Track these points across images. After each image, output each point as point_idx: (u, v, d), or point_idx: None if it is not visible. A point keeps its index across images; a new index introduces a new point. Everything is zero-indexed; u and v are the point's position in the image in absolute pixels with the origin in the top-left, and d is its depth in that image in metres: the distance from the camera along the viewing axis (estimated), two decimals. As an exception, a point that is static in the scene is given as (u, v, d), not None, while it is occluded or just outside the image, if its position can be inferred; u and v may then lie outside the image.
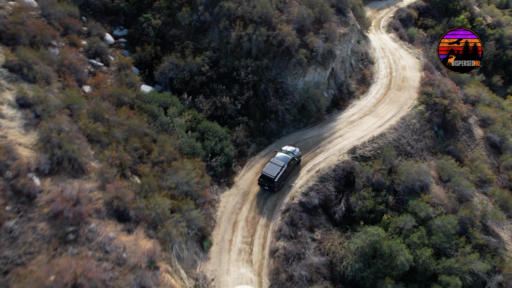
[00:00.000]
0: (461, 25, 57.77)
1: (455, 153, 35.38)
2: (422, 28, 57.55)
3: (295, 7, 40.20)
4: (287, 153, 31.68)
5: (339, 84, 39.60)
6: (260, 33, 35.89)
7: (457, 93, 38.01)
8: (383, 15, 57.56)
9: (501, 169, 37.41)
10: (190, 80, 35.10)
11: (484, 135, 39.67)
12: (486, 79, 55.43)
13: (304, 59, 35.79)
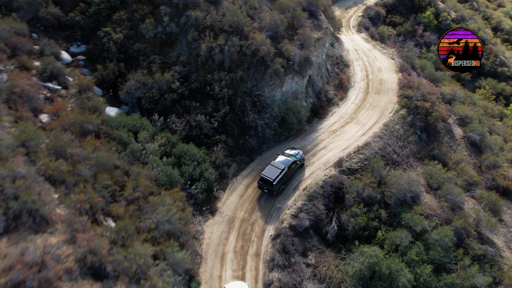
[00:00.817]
0: (428, 21, 57.89)
1: (440, 157, 34.65)
2: (390, 25, 57.09)
3: (266, 13, 38.10)
4: (289, 156, 30.70)
5: (317, 91, 37.95)
6: (232, 44, 33.53)
7: (437, 94, 37.34)
8: (352, 14, 56.58)
9: (483, 169, 37.16)
10: (160, 98, 32.25)
11: (464, 135, 39.35)
12: (455, 74, 55.70)
13: (281, 68, 33.82)
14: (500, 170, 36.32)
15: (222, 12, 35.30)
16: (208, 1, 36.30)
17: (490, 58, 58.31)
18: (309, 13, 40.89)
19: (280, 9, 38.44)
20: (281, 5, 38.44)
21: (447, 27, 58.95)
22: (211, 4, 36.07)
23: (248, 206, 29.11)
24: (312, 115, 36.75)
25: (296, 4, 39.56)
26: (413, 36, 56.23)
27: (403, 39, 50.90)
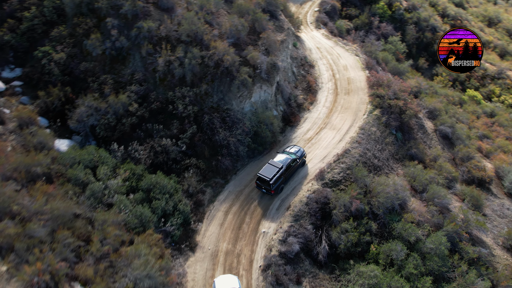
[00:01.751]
0: (382, 11, 57.52)
1: (418, 156, 33.87)
2: (347, 18, 56.05)
3: (224, 17, 35.16)
4: (288, 154, 29.71)
5: (286, 98, 35.77)
6: (193, 55, 30.37)
7: (408, 91, 36.50)
8: (308, 9, 54.86)
9: (457, 161, 37.00)
10: (117, 124, 28.53)
11: (435, 128, 39.03)
12: (413, 63, 55.95)
13: (248, 78, 31.22)
14: (473, 161, 36.27)
15: (177, 20, 31.91)
16: (160, 9, 32.72)
17: (443, 45, 59.09)
18: (268, 14, 38.43)
19: (239, 12, 35.66)
20: (240, 8, 35.66)
21: (400, 17, 59.09)
22: (164, 12, 32.53)
23: (231, 235, 26.51)
24: (284, 124, 34.55)
25: (255, 6, 36.95)
26: (370, 28, 55.58)
27: (364, 33, 49.94)
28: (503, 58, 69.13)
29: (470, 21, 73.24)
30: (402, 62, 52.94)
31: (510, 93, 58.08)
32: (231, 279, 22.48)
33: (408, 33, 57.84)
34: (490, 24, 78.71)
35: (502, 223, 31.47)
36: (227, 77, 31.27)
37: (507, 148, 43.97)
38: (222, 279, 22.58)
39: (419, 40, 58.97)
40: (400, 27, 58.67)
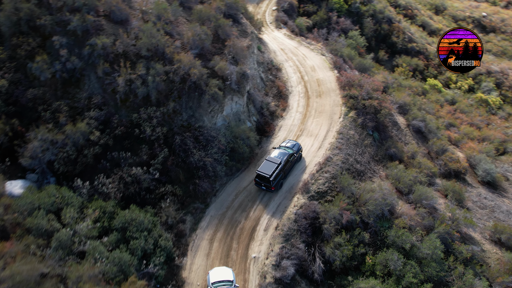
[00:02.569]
0: (339, 6, 57.02)
1: (397, 155, 33.40)
2: (305, 15, 54.90)
3: (184, 26, 32.58)
4: (285, 149, 29.29)
5: (258, 107, 33.93)
6: (156, 71, 27.68)
7: (381, 89, 35.89)
8: (265, 8, 53.08)
9: (432, 155, 37.10)
10: (78, 156, 25.35)
11: (407, 123, 38.91)
12: (374, 56, 56.05)
13: (219, 91, 29.05)
14: (448, 153, 36.51)
15: (134, 34, 28.97)
16: (113, 22, 29.56)
17: (400, 36, 59.81)
18: (230, 19, 36.23)
19: (200, 19, 33.20)
20: (200, 15, 33.22)
21: (357, 10, 58.92)
22: (118, 25, 29.43)
23: (220, 265, 24.40)
24: (259, 135, 32.72)
25: (216, 11, 34.61)
26: (329, 23, 54.83)
27: (327, 31, 48.99)
28: (454, 44, 71.23)
29: (420, 10, 75.07)
30: (363, 56, 52.79)
31: (465, 79, 59.94)
32: (225, 271, 22.63)
33: (366, 26, 57.81)
34: (437, 12, 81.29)
35: (484, 215, 31.75)
36: (195, 92, 28.91)
37: (472, 134, 45.09)
38: (216, 271, 22.68)
39: (377, 33, 59.18)
40: (358, 20, 58.52)
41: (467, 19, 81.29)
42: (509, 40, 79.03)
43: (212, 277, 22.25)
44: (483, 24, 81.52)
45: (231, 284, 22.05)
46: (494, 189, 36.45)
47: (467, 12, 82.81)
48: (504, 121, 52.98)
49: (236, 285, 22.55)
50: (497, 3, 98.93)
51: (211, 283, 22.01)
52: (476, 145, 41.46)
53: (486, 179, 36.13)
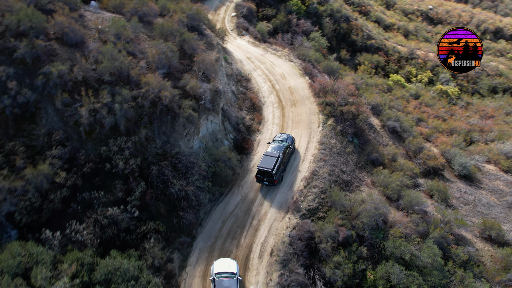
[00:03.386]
0: (297, 8, 56.30)
1: (379, 159, 32.91)
2: (265, 20, 53.64)
3: (146, 43, 30.07)
4: (280, 142, 29.73)
5: (234, 123, 32.10)
6: (123, 98, 25.08)
7: (356, 94, 35.24)
8: (223, 15, 51.17)
9: (410, 154, 37.11)
10: (43, 202, 22.30)
11: (382, 124, 38.70)
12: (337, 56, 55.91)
13: (193, 113, 26.93)
14: (425, 151, 36.68)
15: (93, 57, 26.09)
16: (68, 45, 26.50)
17: (358, 34, 60.20)
18: (194, 31, 34.08)
19: (162, 34, 30.80)
20: (162, 30, 30.81)
21: (315, 11, 58.59)
22: (74, 49, 26.41)
23: (216, 305, 22.43)
24: (238, 153, 30.92)
25: (179, 24, 32.32)
26: (289, 26, 53.98)
27: (291, 36, 47.92)
28: (407, 38, 73.30)
29: (373, 6, 76.36)
30: (327, 57, 52.43)
31: (424, 71, 61.44)
32: (229, 263, 23.00)
33: (325, 27, 57.59)
34: (388, 7, 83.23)
35: (469, 211, 32.02)
36: (167, 115, 26.61)
37: (441, 127, 46.00)
38: (220, 262, 23.06)
39: (337, 32, 59.19)
40: (317, 21, 58.20)
41: (416, 12, 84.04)
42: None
43: (216, 268, 22.65)
44: (430, 17, 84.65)
45: (233, 276, 22.25)
46: (471, 182, 37.10)
47: (415, 5, 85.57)
48: (465, 111, 54.80)
49: (239, 277, 22.74)
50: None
51: (214, 273, 22.37)
52: (447, 139, 42.21)
53: (463, 172, 36.69)
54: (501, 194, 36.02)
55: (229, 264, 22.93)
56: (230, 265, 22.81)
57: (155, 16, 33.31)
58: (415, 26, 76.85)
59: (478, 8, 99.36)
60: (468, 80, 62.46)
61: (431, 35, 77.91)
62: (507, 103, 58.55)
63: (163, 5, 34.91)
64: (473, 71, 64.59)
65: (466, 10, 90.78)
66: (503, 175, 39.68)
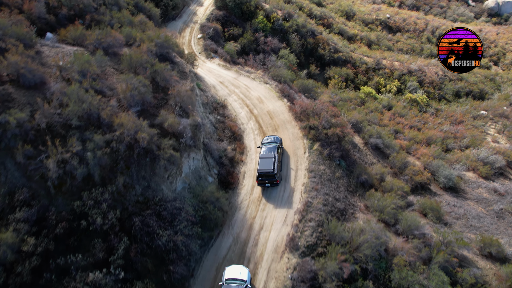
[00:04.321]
0: (263, 25, 55.26)
1: (368, 181, 31.89)
2: (232, 39, 52.11)
3: (115, 77, 27.47)
4: (270, 143, 30.74)
5: (217, 157, 29.98)
6: (96, 144, 22.35)
7: (338, 114, 34.14)
8: (189, 37, 49.09)
9: (396, 171, 36.46)
10: (9, 277, 19.07)
11: (364, 141, 37.88)
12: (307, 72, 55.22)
13: (175, 153, 24.60)
14: (410, 167, 36.19)
15: (57, 100, 23.19)
16: (25, 87, 23.40)
17: (326, 48, 60.00)
18: (164, 59, 31.82)
19: (131, 67, 28.34)
20: (131, 62, 28.34)
21: (280, 27, 57.82)
22: (33, 92, 23.37)
23: None
24: (224, 188, 28.81)
25: (148, 54, 29.96)
26: (257, 45, 52.80)
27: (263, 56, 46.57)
28: (371, 47, 74.33)
29: (334, 18, 76.96)
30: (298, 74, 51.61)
31: (392, 81, 62.12)
32: (241, 270, 22.71)
33: (293, 42, 56.91)
34: (348, 18, 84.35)
35: (463, 226, 31.55)
36: (146, 157, 24.10)
37: (418, 138, 46.11)
38: (232, 269, 22.80)
39: (304, 47, 58.68)
40: (284, 37, 57.47)
41: (375, 22, 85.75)
42: (414, 38, 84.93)
43: (227, 274, 22.59)
44: (389, 25, 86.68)
45: (243, 283, 22.05)
46: (457, 193, 36.96)
47: (373, 15, 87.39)
48: (436, 118, 55.62)
49: (249, 286, 22.34)
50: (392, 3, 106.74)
51: (225, 279, 22.37)
52: (427, 150, 42.17)
53: (448, 184, 36.49)
54: (486, 203, 36.06)
55: (241, 271, 22.65)
56: (241, 272, 22.56)
57: (121, 47, 30.76)
58: (377, 36, 78.19)
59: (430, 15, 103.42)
60: (434, 86, 63.84)
61: (392, 43, 79.64)
62: (471, 106, 60.23)
63: (128, 34, 32.44)
64: (437, 77, 66.36)
65: (420, 17, 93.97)
66: (484, 182, 40.00)
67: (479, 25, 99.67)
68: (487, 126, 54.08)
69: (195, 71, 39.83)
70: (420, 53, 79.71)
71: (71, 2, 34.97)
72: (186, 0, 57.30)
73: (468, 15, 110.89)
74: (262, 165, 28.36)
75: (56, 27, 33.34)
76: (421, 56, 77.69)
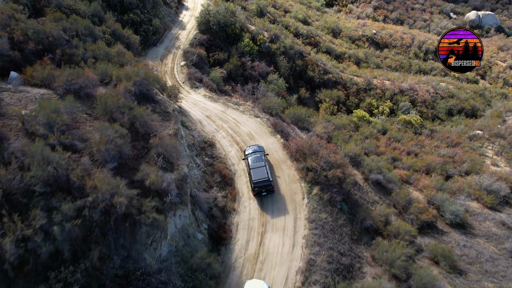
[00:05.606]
0: (249, 49, 52.64)
1: (373, 226, 29.13)
2: (217, 65, 49.24)
3: (88, 125, 24.20)
4: (255, 152, 30.72)
5: (206, 209, 26.79)
6: (65, 215, 18.96)
7: (338, 152, 31.43)
8: (171, 65, 46.03)
9: (399, 208, 33.87)
10: None
11: (364, 177, 35.26)
12: (297, 96, 52.71)
13: (159, 216, 21.33)
14: (415, 204, 33.64)
15: (17, 163, 19.76)
16: (-21, 149, 19.95)
17: (315, 70, 57.74)
18: (144, 98, 28.68)
19: (107, 112, 25.08)
20: (106, 106, 25.08)
21: (267, 49, 55.33)
22: (-12, 154, 19.90)
23: None
24: (215, 245, 25.61)
25: (125, 95, 26.78)
26: (244, 69, 50.08)
27: (252, 86, 43.73)
28: (359, 66, 72.55)
29: (321, 36, 75.09)
30: (288, 99, 49.04)
31: (384, 101, 60.13)
32: (261, 286, 21.77)
33: (281, 65, 54.43)
34: (335, 35, 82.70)
35: (478, 273, 28.96)
36: (125, 222, 20.79)
37: (417, 165, 43.81)
38: (252, 283, 21.98)
39: (293, 70, 56.27)
40: (271, 60, 54.96)
41: (362, 38, 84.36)
42: (401, 54, 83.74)
43: None
44: (376, 41, 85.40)
45: None
46: (464, 229, 34.57)
47: (359, 31, 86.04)
48: (431, 140, 53.65)
49: None
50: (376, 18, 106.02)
51: None
52: (429, 181, 39.84)
53: (455, 221, 34.07)
54: (497, 240, 33.71)
55: (260, 287, 21.71)
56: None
57: (95, 87, 27.48)
58: (365, 53, 76.58)
59: (415, 29, 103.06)
60: (427, 105, 62.15)
61: (381, 60, 78.15)
62: (466, 126, 58.61)
63: (103, 71, 29.21)
64: (429, 95, 64.74)
65: (406, 32, 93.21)
66: (490, 213, 37.81)
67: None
68: (484, 148, 52.31)
69: (180, 105, 36.74)
70: (409, 69, 78.45)
71: (39, 35, 31.64)
72: (167, 24, 54.31)
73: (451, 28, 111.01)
74: (256, 175, 28.34)
75: (21, 64, 29.95)
76: (410, 73, 76.41)
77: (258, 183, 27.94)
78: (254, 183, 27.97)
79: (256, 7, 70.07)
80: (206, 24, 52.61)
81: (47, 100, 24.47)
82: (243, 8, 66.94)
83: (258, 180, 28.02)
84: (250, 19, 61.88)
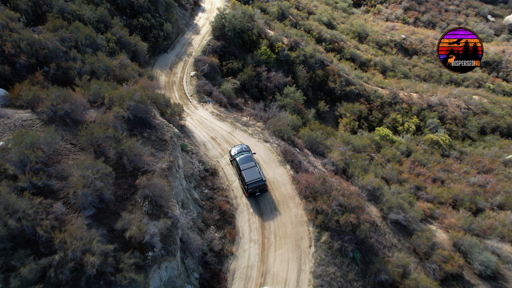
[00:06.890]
0: (266, 57, 49.16)
1: (389, 279, 25.56)
2: (230, 75, 46.06)
3: (70, 158, 21.57)
4: (242, 153, 30.00)
5: (199, 256, 23.87)
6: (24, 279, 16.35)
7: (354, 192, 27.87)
8: (181, 74, 43.11)
9: (421, 254, 30.08)
10: None
11: (382, 215, 31.56)
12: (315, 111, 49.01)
13: (138, 277, 18.52)
14: (439, 250, 29.76)
15: (-24, 213, 17.27)
16: None
17: (336, 80, 53.74)
18: (140, 123, 25.88)
19: (92, 143, 22.36)
20: (92, 138, 22.35)
21: (286, 58, 51.71)
22: None
23: None
24: (207, 298, 22.71)
25: (116, 123, 24.00)
26: (259, 80, 46.74)
27: (264, 104, 40.40)
28: (385, 74, 67.95)
29: (346, 41, 70.71)
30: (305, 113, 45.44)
31: (410, 117, 55.68)
32: None
33: (299, 76, 50.75)
34: (361, 40, 78.03)
35: None
36: (100, 281, 18.09)
37: (443, 197, 39.65)
38: None
39: (312, 81, 52.47)
40: (289, 70, 51.35)
41: (390, 43, 79.39)
42: (432, 62, 78.32)
43: None
44: (405, 47, 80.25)
45: None
46: (496, 281, 30.48)
47: (388, 36, 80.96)
48: (460, 164, 48.97)
49: None
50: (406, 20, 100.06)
51: None
52: (455, 219, 35.62)
53: (486, 273, 30.01)
54: (533, 297, 29.52)
55: None
56: None
57: (85, 110, 24.86)
58: (392, 60, 71.68)
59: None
60: (457, 123, 57.16)
61: (409, 69, 73.11)
62: (500, 148, 53.47)
63: (95, 92, 26.52)
64: (460, 111, 59.66)
65: (437, 37, 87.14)
66: (525, 260, 33.37)
67: (502, 45, 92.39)
68: (521, 177, 47.29)
69: (184, 123, 33.87)
70: (439, 80, 73.05)
71: (33, 47, 29.27)
72: (181, 27, 51.36)
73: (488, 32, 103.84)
74: (249, 176, 27.76)
75: (12, 80, 27.73)
76: (440, 83, 71.07)
77: (251, 184, 27.44)
78: (248, 185, 27.44)
79: (278, 9, 66.22)
80: (221, 29, 49.39)
81: (27, 128, 22.00)
82: (262, 11, 63.30)
83: (251, 181, 27.50)
84: (269, 23, 58.24)
